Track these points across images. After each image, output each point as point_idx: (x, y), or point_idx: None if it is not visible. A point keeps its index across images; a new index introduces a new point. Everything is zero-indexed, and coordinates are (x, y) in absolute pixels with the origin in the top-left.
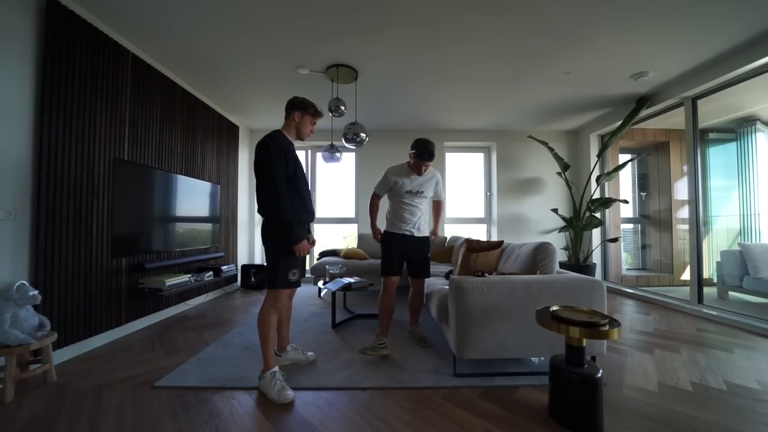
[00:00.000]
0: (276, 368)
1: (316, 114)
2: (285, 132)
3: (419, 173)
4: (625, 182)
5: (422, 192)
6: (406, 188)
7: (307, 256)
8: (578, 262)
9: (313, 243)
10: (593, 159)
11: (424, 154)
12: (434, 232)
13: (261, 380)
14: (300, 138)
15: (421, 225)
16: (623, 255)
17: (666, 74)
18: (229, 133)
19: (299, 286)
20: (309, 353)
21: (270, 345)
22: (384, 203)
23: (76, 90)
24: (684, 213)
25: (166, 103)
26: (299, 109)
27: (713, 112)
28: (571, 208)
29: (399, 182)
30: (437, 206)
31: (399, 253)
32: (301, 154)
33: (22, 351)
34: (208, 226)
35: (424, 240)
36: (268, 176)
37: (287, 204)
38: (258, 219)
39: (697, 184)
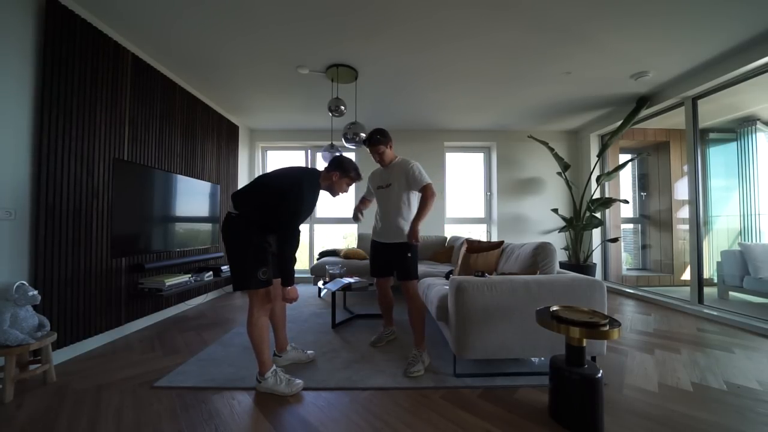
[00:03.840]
0: (274, 366)
1: (356, 178)
2: (321, 179)
3: (381, 163)
4: (625, 182)
5: (390, 184)
6: (377, 184)
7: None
8: (578, 262)
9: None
10: (593, 159)
11: (366, 140)
12: (412, 227)
13: (262, 383)
14: (331, 194)
15: (388, 227)
16: (623, 255)
17: (666, 74)
18: (229, 133)
19: (271, 284)
20: (309, 352)
21: (267, 346)
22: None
23: (76, 90)
24: (684, 213)
25: (166, 102)
26: (340, 171)
27: (713, 112)
28: (571, 208)
29: (372, 178)
30: (422, 198)
31: (379, 259)
32: (300, 154)
33: (22, 351)
34: (207, 226)
35: (401, 246)
36: (293, 213)
37: (291, 248)
38: None
39: (697, 184)
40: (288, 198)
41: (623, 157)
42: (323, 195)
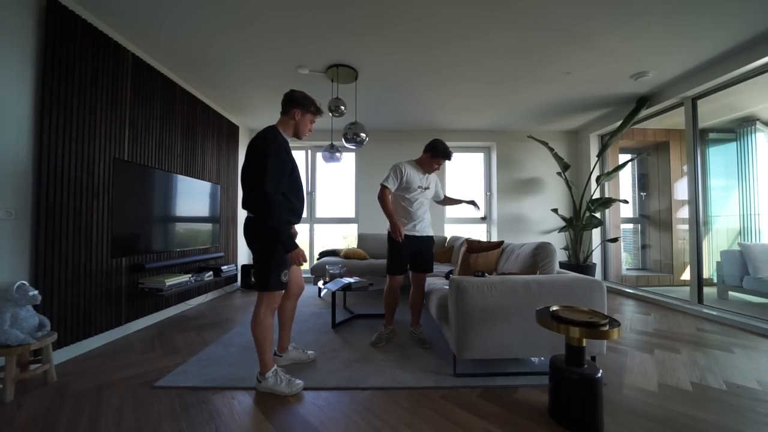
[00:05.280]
0: (275, 366)
1: (317, 112)
2: (281, 129)
3: (429, 171)
4: (625, 182)
5: (428, 188)
6: (417, 183)
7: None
8: (578, 262)
9: (294, 235)
10: (593, 159)
11: (442, 152)
12: (463, 201)
13: (262, 382)
14: (297, 137)
15: (427, 223)
16: (623, 255)
17: (666, 74)
18: (229, 132)
19: (287, 287)
20: (309, 352)
21: (269, 347)
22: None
23: (76, 90)
24: (684, 213)
25: (166, 103)
26: (300, 107)
27: (713, 112)
28: (571, 208)
29: (412, 175)
30: (445, 200)
31: (407, 254)
32: (301, 154)
33: (22, 351)
34: (208, 226)
35: (431, 239)
36: (261, 181)
37: (279, 212)
38: None
39: (697, 184)
40: (250, 162)
41: (623, 157)
42: (324, 196)
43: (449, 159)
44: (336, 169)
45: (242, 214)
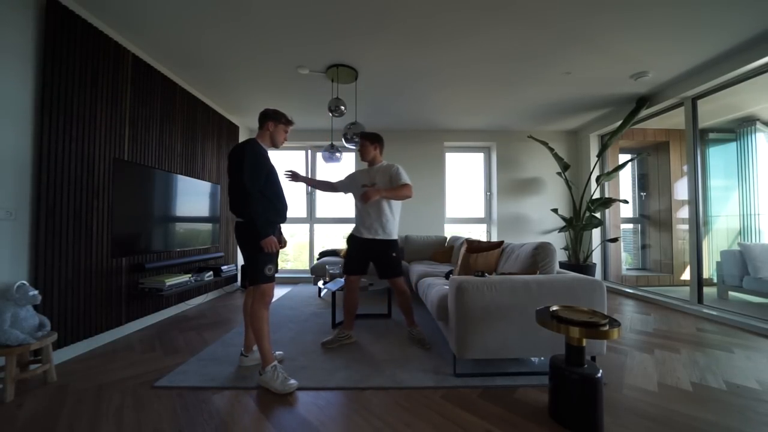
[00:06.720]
0: (275, 362)
1: (288, 123)
2: (260, 141)
3: (362, 157)
4: (625, 182)
5: (374, 183)
6: (362, 181)
7: (280, 253)
8: (578, 262)
9: (284, 245)
10: (593, 159)
11: (360, 132)
12: (372, 193)
13: (261, 376)
14: (274, 146)
15: (375, 225)
16: (623, 255)
17: (666, 74)
18: (230, 133)
19: (274, 280)
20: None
21: (266, 339)
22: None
23: (77, 90)
24: (684, 213)
25: (166, 103)
26: (272, 119)
27: (713, 112)
28: (571, 208)
29: (357, 176)
30: (398, 186)
31: (357, 255)
32: (301, 154)
33: (23, 351)
34: (208, 226)
35: (382, 243)
36: (240, 177)
37: (254, 204)
38: None
39: (697, 184)
40: (230, 166)
41: (623, 157)
42: (324, 196)
43: (360, 137)
44: (336, 169)
45: None
